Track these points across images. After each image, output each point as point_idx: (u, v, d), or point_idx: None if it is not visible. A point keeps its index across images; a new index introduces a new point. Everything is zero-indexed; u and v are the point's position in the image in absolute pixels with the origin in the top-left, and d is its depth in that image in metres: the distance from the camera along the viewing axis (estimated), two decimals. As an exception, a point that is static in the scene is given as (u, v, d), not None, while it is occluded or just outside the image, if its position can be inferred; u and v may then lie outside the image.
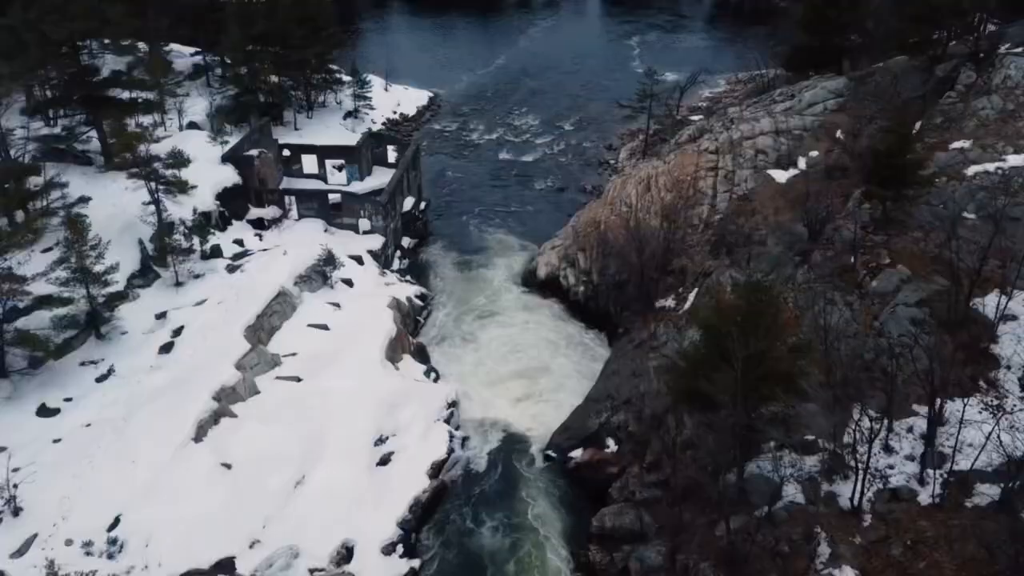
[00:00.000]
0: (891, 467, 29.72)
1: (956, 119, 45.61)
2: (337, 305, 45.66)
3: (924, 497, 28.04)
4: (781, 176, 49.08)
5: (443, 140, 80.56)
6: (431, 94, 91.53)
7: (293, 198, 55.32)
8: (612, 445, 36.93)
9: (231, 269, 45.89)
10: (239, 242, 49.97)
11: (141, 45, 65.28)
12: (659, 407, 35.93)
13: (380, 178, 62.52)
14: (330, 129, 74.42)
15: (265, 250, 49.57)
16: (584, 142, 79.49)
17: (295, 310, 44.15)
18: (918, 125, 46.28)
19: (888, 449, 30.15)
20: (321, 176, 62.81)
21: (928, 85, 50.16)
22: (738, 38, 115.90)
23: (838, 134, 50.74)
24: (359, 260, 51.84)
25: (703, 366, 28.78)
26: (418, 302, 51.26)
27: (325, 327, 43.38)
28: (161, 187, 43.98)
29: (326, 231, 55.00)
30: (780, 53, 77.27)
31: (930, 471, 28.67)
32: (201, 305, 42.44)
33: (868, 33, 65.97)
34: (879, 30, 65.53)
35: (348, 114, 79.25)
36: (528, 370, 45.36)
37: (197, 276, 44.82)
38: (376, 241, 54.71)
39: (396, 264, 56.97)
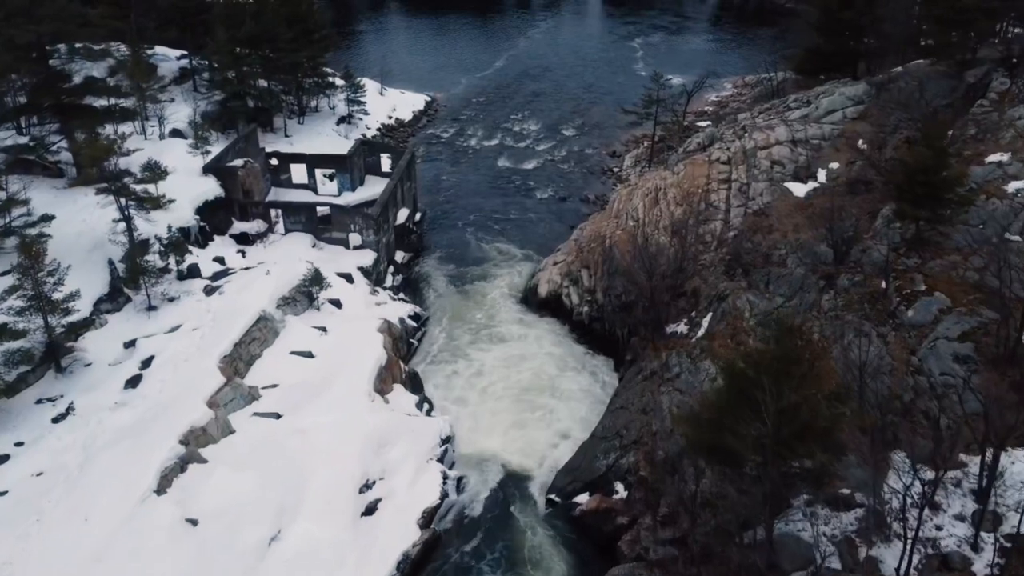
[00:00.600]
0: (939, 528, 26.15)
1: (991, 129, 41.98)
2: (323, 329, 42.05)
3: (980, 567, 24.45)
4: (799, 190, 45.50)
5: (440, 146, 76.91)
6: (428, 98, 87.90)
7: (279, 211, 51.64)
8: (621, 491, 33.32)
9: (209, 291, 42.26)
10: (220, 260, 46.34)
11: (124, 48, 61.73)
12: (673, 450, 32.30)
13: (373, 188, 58.94)
14: (322, 135, 70.77)
15: (248, 268, 45.94)
16: (586, 148, 75.86)
17: (277, 336, 40.54)
18: (949, 135, 42.62)
19: (934, 506, 26.55)
20: (311, 186, 59.21)
21: (958, 92, 46.50)
22: (743, 40, 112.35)
23: (860, 144, 47.14)
24: (348, 278, 48.24)
25: (727, 416, 25.15)
26: (411, 323, 47.66)
27: (309, 355, 39.77)
28: (132, 203, 40.25)
29: (314, 246, 51.40)
30: (790, 56, 73.76)
31: (984, 535, 25.12)
32: (174, 332, 38.82)
33: (885, 36, 62.28)
34: (897, 33, 61.92)
35: (341, 119, 75.58)
36: (529, 399, 41.82)
37: (172, 299, 41.19)
38: (367, 257, 51.11)
39: (389, 280, 53.35)
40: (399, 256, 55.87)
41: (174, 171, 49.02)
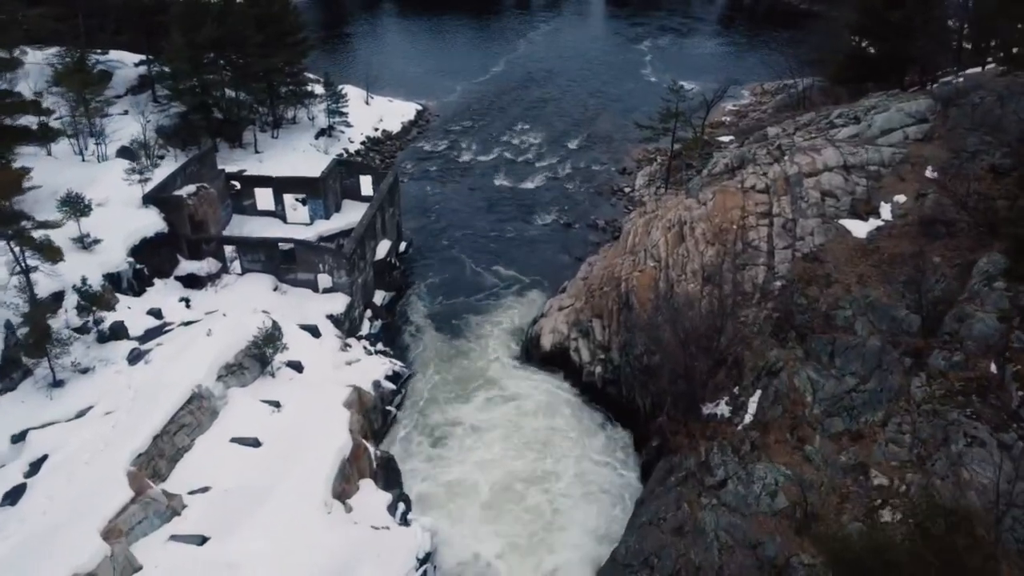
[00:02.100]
0: None
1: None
2: (276, 405, 33.30)
3: None
4: (859, 228, 36.72)
5: (431, 162, 68.06)
6: (419, 107, 78.99)
7: (233, 249, 42.89)
8: (654, 650, 24.70)
9: (135, 358, 33.51)
10: (155, 313, 37.58)
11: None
12: (725, 600, 23.68)
13: (351, 215, 50.31)
14: (297, 151, 62.08)
15: (190, 323, 37.16)
16: (593, 164, 67.04)
17: (216, 417, 31.80)
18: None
19: None
20: (279, 213, 50.46)
21: (1051, 109, 37.74)
22: (758, 43, 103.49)
23: (929, 172, 38.36)
24: (314, 331, 39.54)
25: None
26: (389, 385, 38.99)
27: (255, 443, 31.01)
28: (31, 252, 31.46)
29: (276, 289, 42.75)
30: (822, 62, 65.10)
31: None
32: (81, 418, 30.18)
33: (937, 40, 53.53)
34: (957, 35, 53.30)
35: (321, 132, 66.86)
36: (531, 492, 33.26)
37: (85, 371, 32.47)
38: (338, 302, 42.40)
39: (366, 327, 44.66)
40: (379, 297, 47.16)
41: (105, 203, 40.50)
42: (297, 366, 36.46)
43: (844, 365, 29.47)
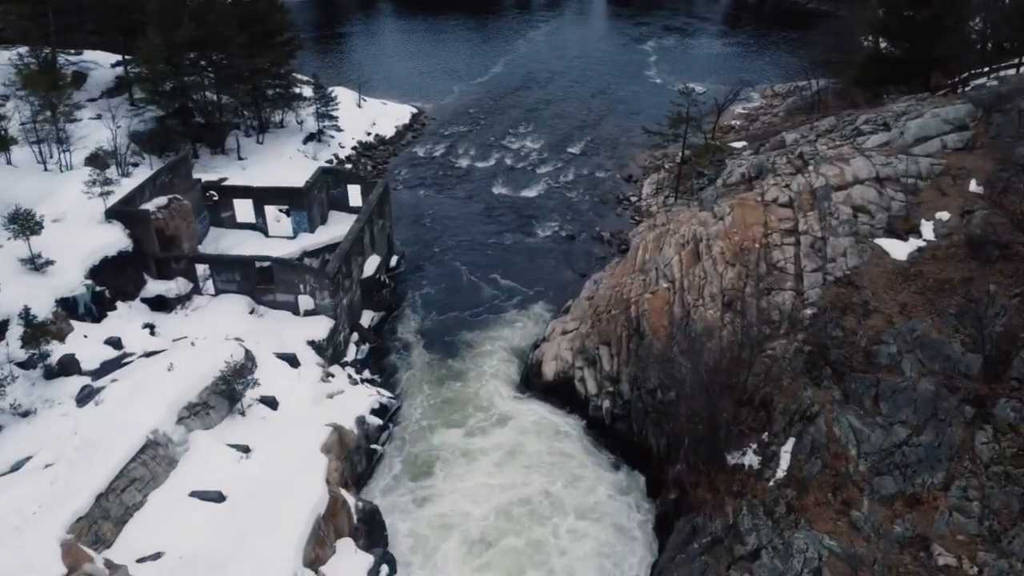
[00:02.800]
0: None
1: None
2: (245, 450, 29.23)
3: None
4: (898, 249, 32.67)
5: (426, 168, 63.95)
6: (414, 110, 74.84)
7: (208, 267, 38.81)
8: None
9: (84, 398, 29.41)
10: (114, 342, 33.47)
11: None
12: None
13: (338, 228, 46.24)
14: (283, 158, 58.04)
15: (152, 354, 33.07)
16: (597, 171, 62.98)
17: (174, 467, 27.72)
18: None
19: None
20: (260, 226, 46.38)
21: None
22: (767, 43, 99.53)
23: (974, 186, 34.32)
24: (292, 360, 35.50)
25: None
26: (375, 420, 34.95)
27: (218, 497, 26.93)
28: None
29: (252, 312, 38.71)
30: (836, 63, 61.21)
31: None
32: (15, 473, 26.05)
33: (965, 39, 49.54)
34: (980, 35, 49.27)
35: (310, 137, 62.79)
36: (531, 548, 29.20)
37: (25, 414, 28.39)
38: (321, 326, 38.36)
39: (351, 353, 40.62)
40: (366, 317, 43.11)
41: (63, 218, 36.46)
42: (271, 402, 32.40)
43: (892, 412, 25.42)
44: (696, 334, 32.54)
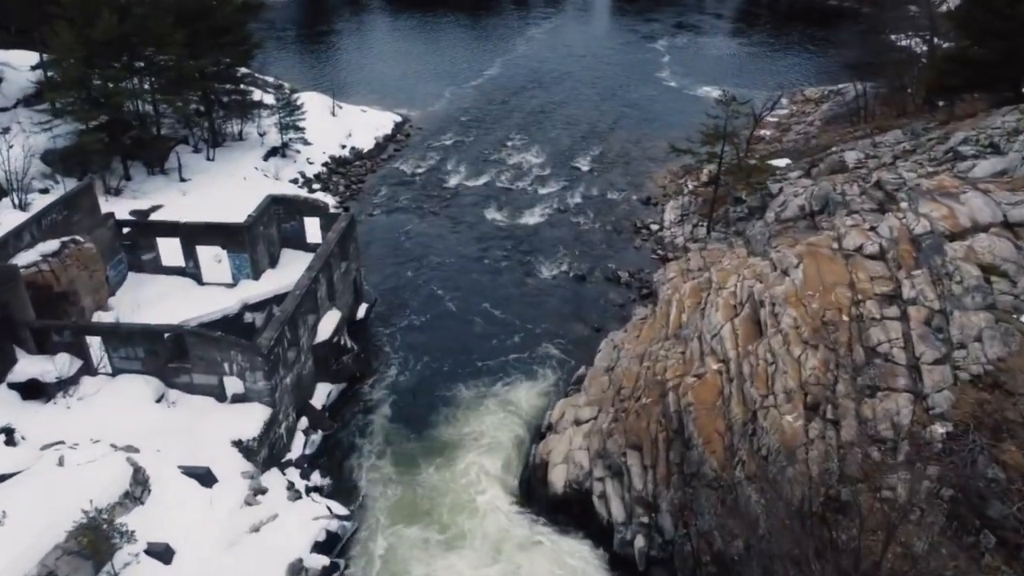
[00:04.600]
0: None
1: None
2: (105, 651, 18.96)
3: None
4: (1061, 333, 22.37)
5: (408, 188, 53.59)
6: (398, 118, 64.40)
7: (99, 340, 28.43)
8: None
9: None
10: (-58, 464, 23.15)
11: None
12: None
13: (291, 271, 35.91)
14: (236, 178, 47.77)
15: (2, 479, 22.83)
16: (609, 191, 52.68)
17: None
18: None
19: None
20: (191, 271, 36.07)
21: None
22: (788, 43, 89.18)
23: None
24: (204, 478, 25.19)
25: None
26: (319, 561, 24.62)
27: None
28: None
29: (161, 400, 28.40)
30: (880, 65, 51.23)
31: None
32: None
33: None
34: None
35: (272, 152, 52.44)
36: None
37: None
38: (253, 418, 28.01)
39: (297, 447, 30.28)
40: (321, 393, 32.80)
41: None
42: (163, 553, 22.14)
43: None
44: (771, 452, 22.38)
